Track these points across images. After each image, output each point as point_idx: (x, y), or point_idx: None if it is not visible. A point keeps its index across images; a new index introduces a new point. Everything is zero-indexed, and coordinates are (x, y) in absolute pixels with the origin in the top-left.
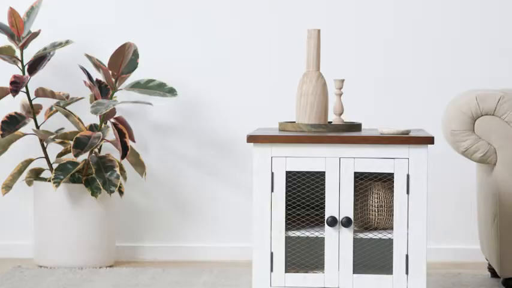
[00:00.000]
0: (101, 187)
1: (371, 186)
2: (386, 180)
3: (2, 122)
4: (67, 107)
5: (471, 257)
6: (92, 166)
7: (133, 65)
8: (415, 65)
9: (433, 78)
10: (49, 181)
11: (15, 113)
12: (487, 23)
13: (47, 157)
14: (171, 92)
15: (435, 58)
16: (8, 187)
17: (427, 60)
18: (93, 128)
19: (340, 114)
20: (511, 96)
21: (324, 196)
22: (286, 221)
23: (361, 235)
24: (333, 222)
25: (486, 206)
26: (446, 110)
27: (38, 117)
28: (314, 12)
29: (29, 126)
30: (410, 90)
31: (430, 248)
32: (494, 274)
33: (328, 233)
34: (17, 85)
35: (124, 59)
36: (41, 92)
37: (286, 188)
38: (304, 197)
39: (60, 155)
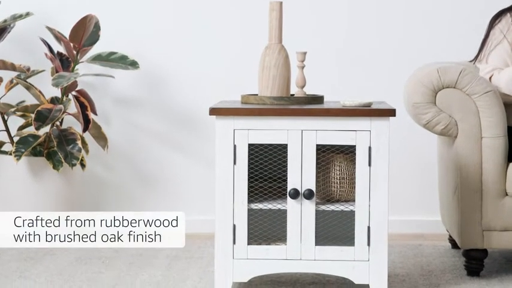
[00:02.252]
0: (63, 160)
1: (333, 158)
2: (348, 152)
3: None
4: (28, 80)
5: (432, 228)
6: (54, 139)
7: (94, 38)
8: (379, 37)
9: (399, 50)
10: (10, 154)
11: None
12: None
13: (7, 130)
14: (133, 64)
15: (401, 29)
16: None
17: (392, 31)
18: (54, 100)
19: (303, 86)
20: (472, 69)
21: (286, 168)
22: (248, 194)
23: (323, 207)
24: (295, 194)
25: (447, 178)
26: (408, 83)
27: None
28: None
29: None
30: (375, 62)
31: (391, 220)
32: (454, 245)
33: (291, 205)
34: None
35: (85, 32)
36: (1, 65)
37: (248, 161)
38: (266, 170)
39: (21, 128)
